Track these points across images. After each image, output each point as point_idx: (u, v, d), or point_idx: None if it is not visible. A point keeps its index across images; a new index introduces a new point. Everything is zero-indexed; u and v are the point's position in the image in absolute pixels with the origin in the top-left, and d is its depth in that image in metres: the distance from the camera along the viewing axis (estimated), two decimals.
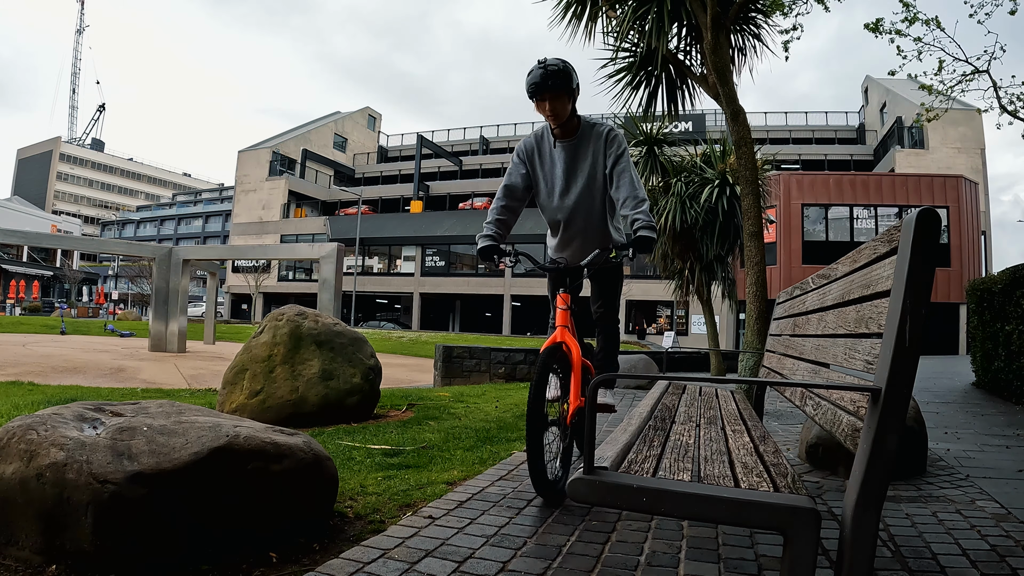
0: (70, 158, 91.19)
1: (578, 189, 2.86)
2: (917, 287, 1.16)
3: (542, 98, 2.68)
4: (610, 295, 3.06)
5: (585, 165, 2.84)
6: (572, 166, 2.85)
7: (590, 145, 2.83)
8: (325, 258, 10.51)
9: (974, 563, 1.88)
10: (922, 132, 29.55)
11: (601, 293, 3.06)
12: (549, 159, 2.89)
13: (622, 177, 2.75)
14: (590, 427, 1.33)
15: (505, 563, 1.81)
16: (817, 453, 3.11)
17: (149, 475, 1.70)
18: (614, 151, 2.79)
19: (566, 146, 2.84)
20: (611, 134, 2.82)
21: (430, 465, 2.97)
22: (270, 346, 4.40)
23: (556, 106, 2.70)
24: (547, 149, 2.89)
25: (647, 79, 6.57)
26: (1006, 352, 5.90)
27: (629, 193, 2.70)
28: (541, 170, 2.92)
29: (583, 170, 2.84)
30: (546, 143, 2.88)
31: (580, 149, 2.83)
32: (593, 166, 2.83)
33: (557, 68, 2.65)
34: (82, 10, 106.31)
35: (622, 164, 2.77)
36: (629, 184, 2.72)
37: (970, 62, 9.09)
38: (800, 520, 1.12)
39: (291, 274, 43.64)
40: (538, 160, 2.92)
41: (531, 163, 2.93)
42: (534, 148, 2.92)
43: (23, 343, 11.95)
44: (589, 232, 2.91)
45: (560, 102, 2.70)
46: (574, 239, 2.95)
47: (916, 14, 8.43)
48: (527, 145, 2.95)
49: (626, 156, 2.78)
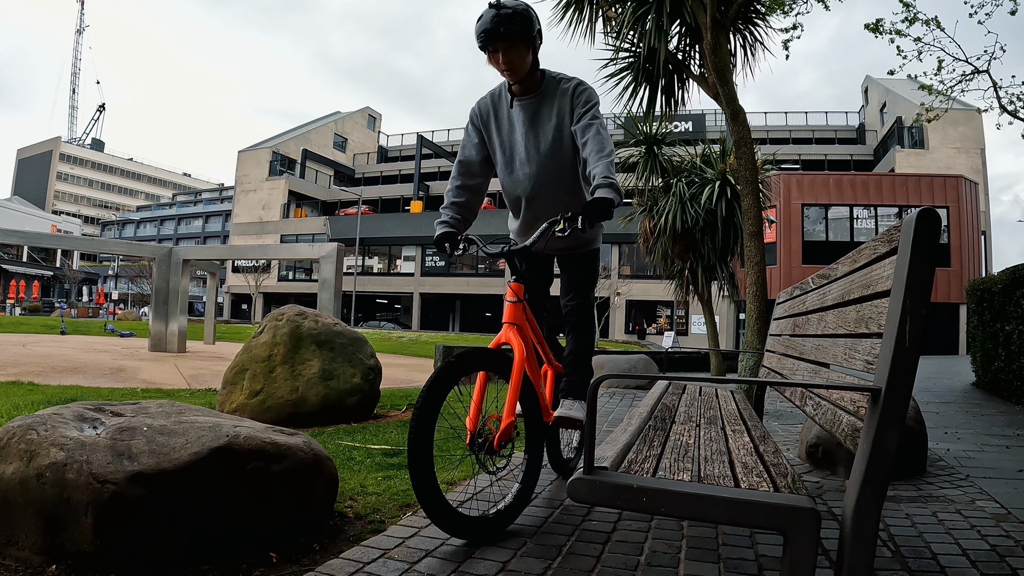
0: (70, 158, 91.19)
1: (541, 156, 2.38)
2: (917, 287, 1.16)
3: (494, 48, 2.21)
4: (582, 285, 2.56)
5: (549, 127, 2.36)
6: (533, 128, 2.37)
7: (555, 102, 2.35)
8: (325, 258, 10.51)
9: (974, 563, 1.88)
10: (922, 132, 29.55)
11: (571, 283, 2.57)
12: (507, 123, 2.42)
13: (588, 131, 2.27)
14: (590, 427, 1.33)
15: (505, 563, 1.81)
16: (817, 453, 3.11)
17: (149, 475, 1.70)
18: (581, 105, 2.32)
19: (526, 105, 2.37)
20: (580, 87, 2.35)
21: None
22: (270, 346, 4.40)
23: (512, 58, 2.23)
24: (504, 111, 2.42)
25: (647, 79, 6.57)
26: (1006, 352, 5.90)
27: (594, 147, 2.23)
28: (498, 136, 2.44)
29: (546, 133, 2.36)
30: (503, 104, 2.42)
31: (543, 108, 2.36)
32: (559, 128, 2.35)
33: (512, 11, 2.19)
34: (82, 10, 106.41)
35: (588, 119, 2.30)
36: (594, 138, 2.25)
37: (970, 62, 9.09)
38: (800, 520, 1.12)
39: (291, 274, 43.65)
40: (494, 125, 2.45)
41: (486, 130, 2.46)
42: (489, 111, 2.45)
43: (23, 343, 11.95)
44: (557, 210, 2.35)
45: (517, 53, 2.23)
46: (539, 219, 2.40)
47: (916, 14, 8.43)
48: (481, 108, 2.47)
49: (596, 111, 2.32)
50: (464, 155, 2.49)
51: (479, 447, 2.04)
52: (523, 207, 2.47)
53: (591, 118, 2.29)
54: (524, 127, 2.38)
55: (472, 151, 2.48)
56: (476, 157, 2.47)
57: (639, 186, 10.29)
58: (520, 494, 2.13)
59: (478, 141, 2.47)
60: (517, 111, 2.38)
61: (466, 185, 2.47)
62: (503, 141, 2.44)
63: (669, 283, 10.54)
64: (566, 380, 2.50)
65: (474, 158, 2.47)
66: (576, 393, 2.47)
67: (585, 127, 2.28)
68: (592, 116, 2.30)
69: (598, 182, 2.12)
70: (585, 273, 2.58)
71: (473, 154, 2.47)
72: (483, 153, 2.48)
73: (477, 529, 1.93)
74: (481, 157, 2.48)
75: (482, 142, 2.48)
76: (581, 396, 2.48)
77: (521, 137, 2.39)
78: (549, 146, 2.36)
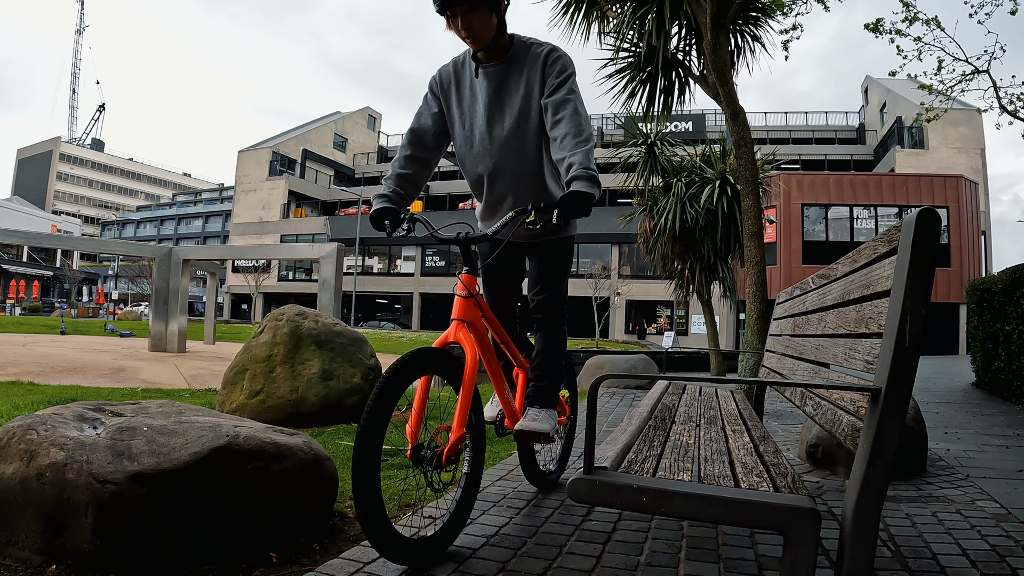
0: (70, 158, 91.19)
1: (505, 130, 2.14)
2: (917, 287, 1.16)
3: (452, 12, 1.99)
4: (552, 277, 2.29)
5: (515, 98, 2.12)
6: (498, 99, 2.13)
7: (524, 71, 2.11)
8: (325, 258, 10.51)
9: (974, 563, 1.88)
10: (922, 132, 29.56)
11: (540, 274, 2.30)
12: (469, 93, 2.18)
13: (562, 109, 2.02)
14: (590, 427, 1.33)
15: (505, 563, 1.81)
16: (817, 453, 3.11)
17: (149, 475, 1.70)
18: (554, 75, 2.07)
19: (491, 72, 2.13)
20: (554, 54, 2.10)
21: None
22: (270, 346, 4.40)
23: (472, 22, 2.00)
24: (467, 80, 2.18)
25: (647, 79, 6.57)
26: (1006, 352, 5.90)
27: (569, 129, 1.98)
28: (458, 108, 2.20)
29: (513, 104, 2.12)
30: (467, 72, 2.18)
31: (510, 76, 2.12)
32: (527, 99, 2.11)
33: None
34: (82, 10, 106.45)
35: (562, 92, 2.05)
36: (570, 118, 2.00)
37: (970, 62, 9.10)
38: (800, 520, 1.12)
39: (291, 274, 43.65)
40: (455, 95, 2.20)
41: (446, 99, 2.22)
42: (451, 79, 2.21)
43: (23, 343, 11.95)
44: (522, 191, 2.18)
45: (478, 16, 1.99)
46: (503, 201, 2.22)
47: (916, 14, 8.44)
48: (442, 76, 2.23)
49: (571, 83, 2.07)
50: (418, 123, 2.24)
51: (424, 461, 1.79)
52: (485, 187, 2.23)
53: (567, 92, 2.04)
54: (488, 97, 2.13)
55: (428, 120, 2.23)
56: (431, 127, 2.23)
57: (639, 186, 10.30)
58: (455, 514, 1.89)
59: (437, 111, 2.23)
60: (481, 80, 2.14)
61: (416, 157, 2.23)
62: (463, 113, 2.20)
63: (669, 283, 10.56)
64: (532, 386, 2.25)
65: (429, 128, 2.23)
66: (542, 400, 2.21)
67: (559, 103, 2.03)
68: (568, 90, 2.05)
69: (576, 173, 1.89)
70: (557, 263, 2.31)
71: (429, 123, 2.23)
72: (440, 126, 2.24)
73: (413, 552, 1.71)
74: (436, 128, 2.24)
75: (441, 113, 2.24)
76: (548, 404, 2.22)
77: (484, 108, 2.14)
78: (515, 122, 2.12)
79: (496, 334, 2.25)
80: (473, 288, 2.00)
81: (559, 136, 1.99)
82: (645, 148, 10.02)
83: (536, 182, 2.19)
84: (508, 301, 2.43)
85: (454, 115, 2.22)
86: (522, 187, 2.19)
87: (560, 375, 2.31)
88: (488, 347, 2.10)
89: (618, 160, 10.61)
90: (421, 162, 2.24)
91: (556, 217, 1.85)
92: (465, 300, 1.98)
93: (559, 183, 2.19)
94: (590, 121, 2.05)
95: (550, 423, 2.16)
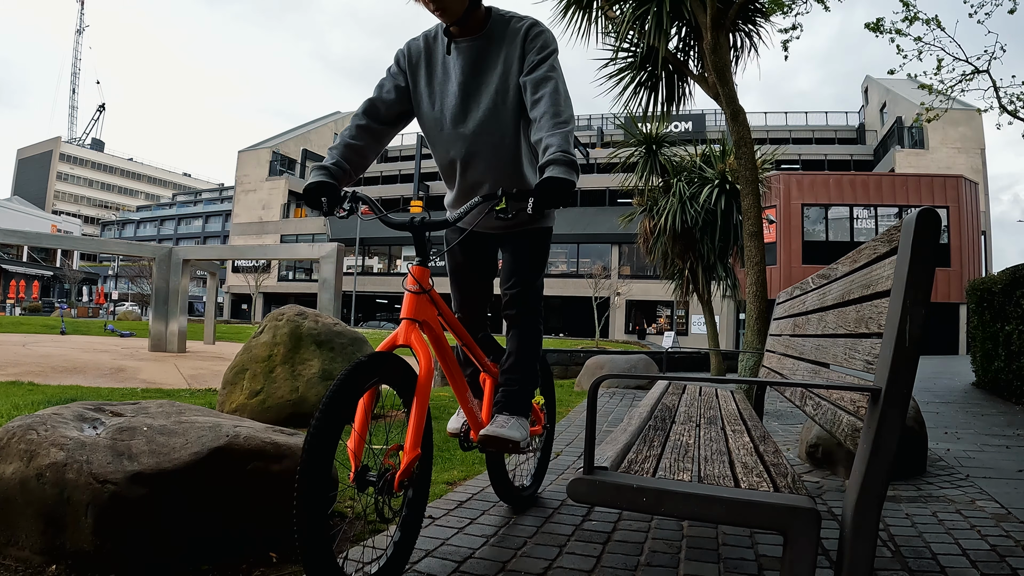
0: (70, 158, 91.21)
1: (481, 112, 1.95)
2: (917, 287, 1.16)
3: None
4: (526, 271, 2.09)
5: (492, 76, 1.94)
6: (473, 77, 1.95)
7: (502, 47, 1.93)
8: (325, 258, 10.51)
9: (974, 563, 1.88)
10: (922, 132, 29.58)
11: (514, 266, 2.10)
12: (441, 70, 1.98)
13: (542, 87, 1.85)
14: (590, 427, 1.33)
15: (505, 563, 1.81)
16: (817, 453, 3.11)
17: (149, 475, 1.70)
18: (535, 51, 1.90)
19: (466, 48, 1.94)
20: (534, 29, 1.93)
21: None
22: (270, 346, 4.40)
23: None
24: (439, 56, 1.99)
25: (647, 79, 6.58)
26: (1006, 352, 5.90)
27: (547, 109, 1.80)
28: (428, 86, 2.00)
29: (489, 84, 1.94)
30: (439, 48, 1.99)
31: (487, 52, 1.94)
32: (504, 77, 1.93)
33: None
34: (82, 10, 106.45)
35: (543, 70, 1.87)
36: (550, 97, 1.82)
37: (970, 62, 9.11)
38: (800, 520, 1.12)
39: (291, 274, 43.66)
40: (424, 72, 2.00)
41: (413, 74, 2.02)
42: (420, 54, 2.01)
43: (23, 343, 11.95)
44: (499, 177, 1.99)
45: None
46: (478, 188, 2.02)
47: (916, 14, 8.45)
48: (411, 50, 2.03)
49: (553, 60, 1.90)
50: (379, 95, 2.02)
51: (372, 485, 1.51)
52: (458, 174, 2.03)
53: (548, 69, 1.87)
54: (462, 75, 1.94)
55: (392, 94, 2.01)
56: (394, 103, 2.01)
57: (639, 186, 10.31)
58: (400, 544, 1.63)
59: (403, 86, 2.02)
60: (455, 56, 1.95)
61: (370, 128, 2.00)
62: (434, 92, 1.99)
63: (669, 283, 10.56)
64: (502, 390, 2.04)
65: (391, 102, 2.01)
66: (512, 407, 2.00)
67: (539, 80, 1.86)
68: (549, 67, 1.88)
69: (553, 156, 1.69)
70: (532, 256, 2.11)
71: (392, 98, 2.01)
72: (403, 104, 2.03)
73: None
74: (400, 106, 2.02)
75: (406, 89, 2.02)
76: (520, 411, 2.00)
77: (457, 87, 1.95)
78: (491, 103, 1.94)
79: (458, 335, 2.05)
80: (426, 282, 1.78)
81: (537, 116, 1.82)
82: (645, 148, 10.02)
83: (514, 168, 2.01)
84: (478, 301, 2.23)
85: (422, 94, 2.01)
86: (498, 173, 1.99)
87: (534, 379, 2.09)
88: (446, 350, 1.90)
89: (618, 160, 10.62)
90: (374, 135, 2.01)
91: (532, 206, 1.64)
92: (417, 296, 1.74)
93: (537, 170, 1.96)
94: (571, 102, 1.87)
95: (520, 431, 1.92)
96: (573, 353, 10.84)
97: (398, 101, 2.02)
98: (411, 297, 1.74)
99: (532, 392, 2.09)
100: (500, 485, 2.29)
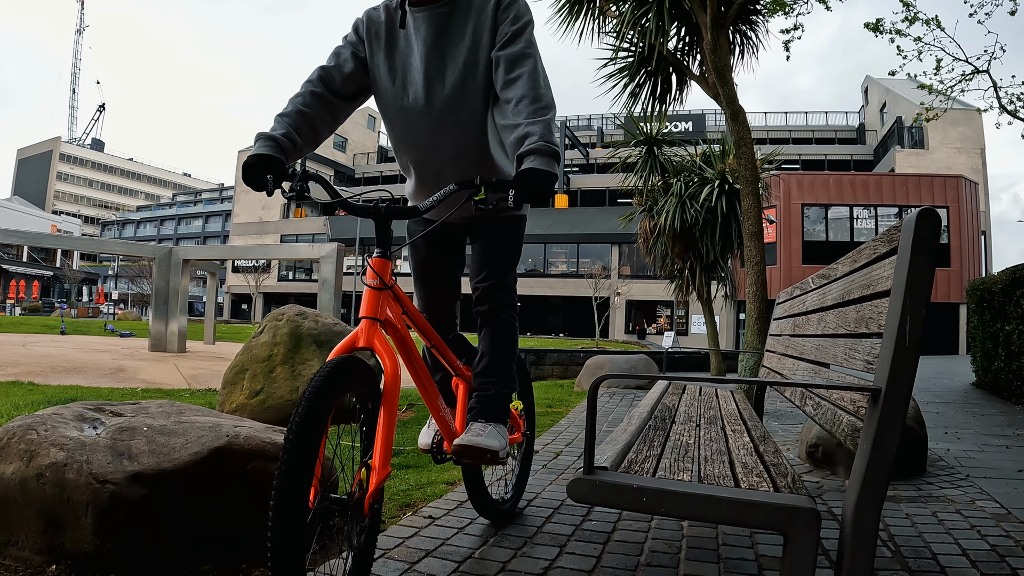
0: (70, 158, 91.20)
1: (447, 89, 1.74)
2: (917, 287, 1.16)
3: None
4: (500, 262, 1.91)
5: (460, 49, 1.73)
6: (438, 49, 1.74)
7: (470, 16, 1.73)
8: (325, 258, 10.50)
9: (974, 563, 1.88)
10: (922, 132, 29.57)
11: (485, 258, 1.91)
12: (403, 42, 1.77)
13: (518, 65, 1.66)
14: (590, 427, 1.33)
15: (505, 563, 1.81)
16: (817, 453, 3.11)
17: (149, 475, 1.70)
18: (508, 22, 1.70)
19: (430, 17, 1.73)
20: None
21: (430, 465, 2.97)
22: (270, 346, 4.40)
23: None
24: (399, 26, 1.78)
25: (647, 79, 6.58)
26: (1006, 352, 5.90)
27: (526, 92, 1.61)
28: (387, 59, 1.79)
29: (456, 57, 1.74)
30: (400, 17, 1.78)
31: (453, 22, 1.74)
32: (474, 51, 1.73)
33: None
34: (82, 10, 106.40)
35: (519, 45, 1.68)
36: (528, 78, 1.64)
37: (970, 62, 9.11)
38: (800, 520, 1.12)
39: (291, 274, 43.66)
40: (384, 44, 1.79)
41: (370, 48, 1.80)
42: (380, 23, 1.80)
43: (23, 343, 11.94)
44: (464, 164, 1.80)
45: None
46: (441, 175, 1.82)
47: (916, 14, 8.45)
48: (371, 18, 1.82)
49: (528, 33, 1.71)
50: (335, 62, 1.80)
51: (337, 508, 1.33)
52: (419, 158, 1.85)
53: (525, 45, 1.68)
54: (425, 47, 1.74)
55: (350, 65, 1.79)
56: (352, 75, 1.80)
57: (639, 186, 10.31)
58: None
59: (362, 57, 1.81)
60: (419, 25, 1.74)
61: (325, 98, 1.77)
62: (394, 66, 1.78)
63: (669, 283, 10.56)
64: (476, 396, 1.88)
65: (348, 72, 1.79)
66: (489, 413, 1.83)
67: (516, 57, 1.67)
68: (526, 43, 1.69)
69: (535, 146, 1.53)
70: (506, 246, 1.93)
71: (350, 69, 1.79)
72: (360, 79, 1.82)
73: None
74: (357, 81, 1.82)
75: (365, 59, 1.81)
76: (497, 418, 1.83)
77: (420, 61, 1.74)
78: (459, 75, 1.73)
79: (426, 336, 1.85)
80: (388, 277, 1.57)
81: (514, 99, 1.62)
82: (645, 148, 10.02)
83: (481, 154, 1.81)
84: (446, 298, 2.05)
85: (380, 68, 1.79)
86: (464, 159, 1.80)
87: (511, 382, 1.91)
88: (412, 353, 1.70)
89: (618, 160, 10.63)
90: (330, 109, 1.78)
91: (513, 198, 1.49)
92: (378, 292, 1.53)
93: (507, 155, 1.80)
94: (550, 84, 1.69)
95: (499, 440, 1.74)
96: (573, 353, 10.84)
97: (356, 74, 1.80)
98: (371, 293, 1.53)
99: (510, 396, 1.93)
100: (478, 498, 2.11)
